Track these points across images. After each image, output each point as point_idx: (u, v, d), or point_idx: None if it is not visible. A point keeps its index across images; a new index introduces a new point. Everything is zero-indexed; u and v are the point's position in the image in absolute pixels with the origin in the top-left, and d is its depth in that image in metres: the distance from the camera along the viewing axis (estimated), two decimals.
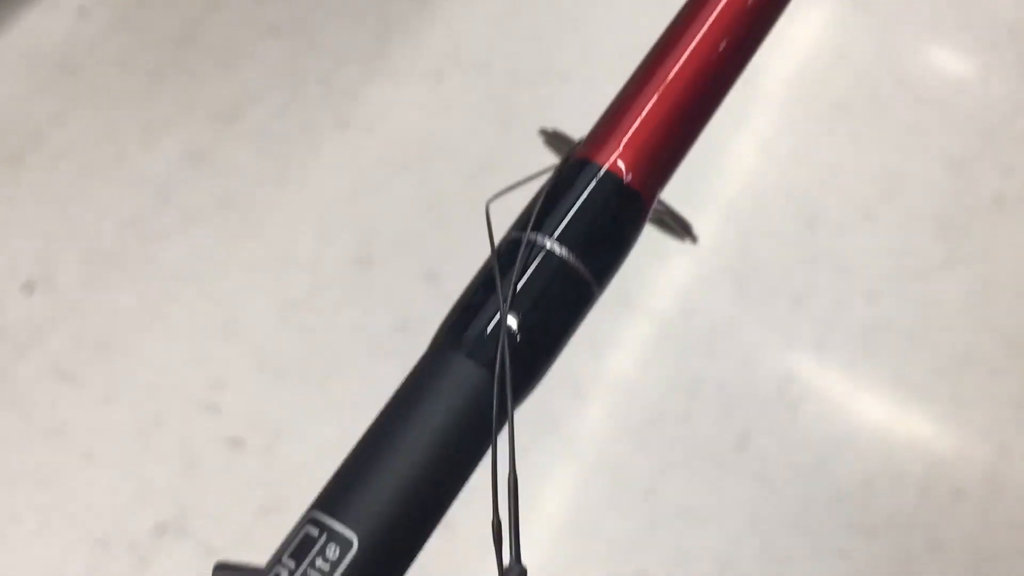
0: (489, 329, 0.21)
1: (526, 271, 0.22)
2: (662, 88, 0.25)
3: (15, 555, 0.64)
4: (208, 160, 0.81)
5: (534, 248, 0.22)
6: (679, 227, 0.28)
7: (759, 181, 0.81)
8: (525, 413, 0.22)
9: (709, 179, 0.80)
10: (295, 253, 0.76)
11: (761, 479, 0.67)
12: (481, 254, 0.83)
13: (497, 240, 0.22)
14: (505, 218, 0.25)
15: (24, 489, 0.66)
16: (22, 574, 0.63)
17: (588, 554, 0.65)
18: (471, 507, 0.24)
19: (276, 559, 0.20)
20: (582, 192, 0.23)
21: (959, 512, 0.67)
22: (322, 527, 0.20)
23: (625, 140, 0.24)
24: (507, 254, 0.22)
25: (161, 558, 0.64)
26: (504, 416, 0.20)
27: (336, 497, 0.20)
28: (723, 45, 0.25)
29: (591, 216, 0.23)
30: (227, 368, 0.71)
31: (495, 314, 0.21)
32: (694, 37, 0.25)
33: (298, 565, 0.20)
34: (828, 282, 0.76)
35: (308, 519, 0.20)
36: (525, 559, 0.22)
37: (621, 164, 0.24)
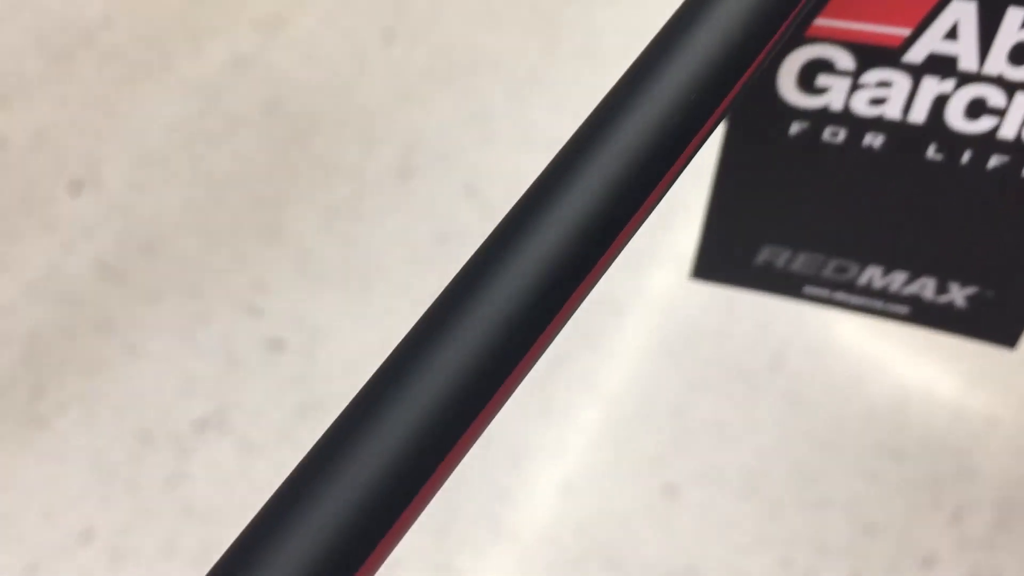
0: None
1: None
2: None
3: (63, 443, 0.66)
4: (253, 67, 0.81)
5: None
6: None
7: None
8: (564, 329, 0.22)
9: None
10: (338, 161, 0.77)
11: (793, 399, 0.68)
12: (521, 169, 0.83)
13: None
14: None
15: (71, 379, 0.68)
16: (69, 461, 0.65)
17: (619, 464, 0.66)
18: None
19: None
20: None
21: (992, 439, 0.67)
22: None
23: None
24: None
25: (202, 451, 0.66)
26: None
27: None
28: None
29: None
30: (270, 271, 0.72)
31: None
32: None
33: None
34: None
35: None
36: (556, 465, 0.23)
37: None
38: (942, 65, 0.29)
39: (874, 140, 0.31)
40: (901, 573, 0.63)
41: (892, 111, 0.30)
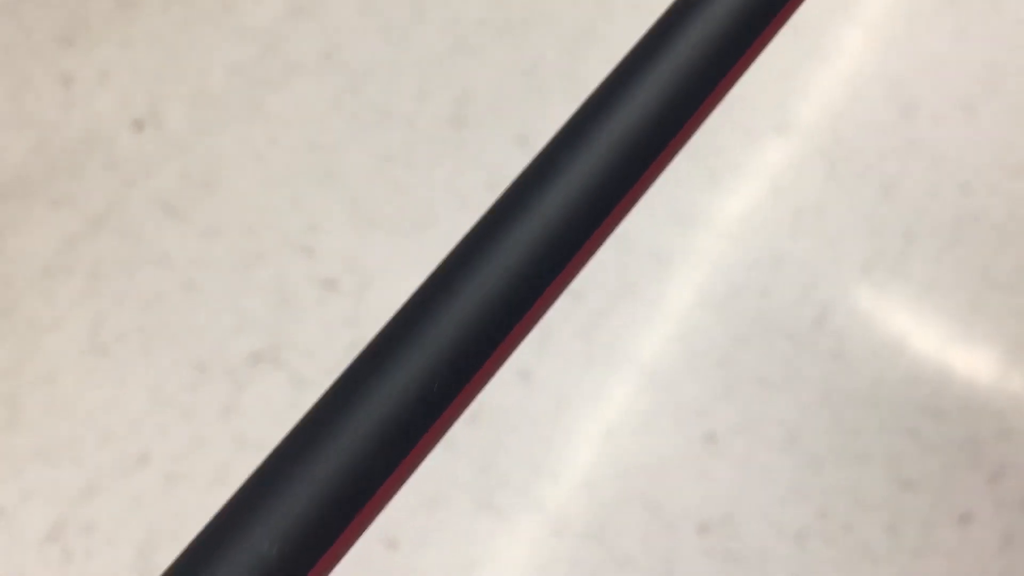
0: None
1: None
2: None
3: (122, 371, 0.68)
4: (312, 15, 0.82)
5: None
6: None
7: (859, 66, 0.80)
8: (607, 282, 0.23)
9: (809, 62, 0.80)
10: (392, 109, 0.78)
11: (836, 355, 0.68)
12: None
13: None
14: None
15: (130, 311, 0.70)
16: (128, 389, 0.68)
17: (661, 413, 0.67)
18: None
19: None
20: None
21: None
22: None
23: None
24: None
25: (255, 384, 0.67)
26: None
27: None
28: None
29: None
30: (323, 214, 0.73)
31: None
32: None
33: None
34: (921, 171, 0.75)
35: None
36: (598, 410, 0.24)
37: None
38: None
39: None
40: (937, 529, 0.64)
41: None
